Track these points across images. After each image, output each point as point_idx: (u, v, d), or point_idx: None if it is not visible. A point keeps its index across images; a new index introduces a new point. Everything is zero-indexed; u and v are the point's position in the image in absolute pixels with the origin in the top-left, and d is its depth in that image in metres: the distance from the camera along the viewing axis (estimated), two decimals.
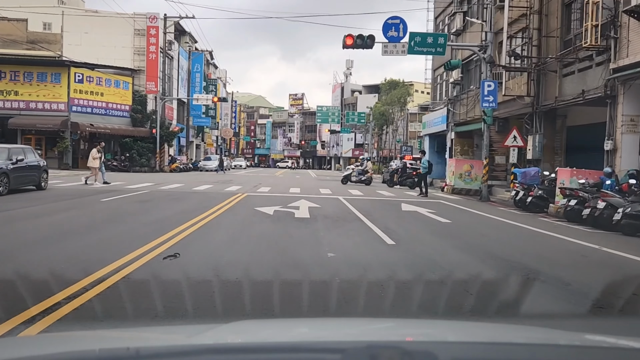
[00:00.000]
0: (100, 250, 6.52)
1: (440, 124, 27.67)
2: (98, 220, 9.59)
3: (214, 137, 68.58)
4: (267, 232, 8.65)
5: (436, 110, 29.35)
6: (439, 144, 30.81)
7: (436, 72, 29.97)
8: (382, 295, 4.87)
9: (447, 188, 22.50)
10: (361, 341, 1.48)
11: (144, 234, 7.74)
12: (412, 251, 7.41)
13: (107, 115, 35.46)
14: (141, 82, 37.37)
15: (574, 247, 8.65)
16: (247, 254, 6.68)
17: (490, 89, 17.30)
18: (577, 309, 4.69)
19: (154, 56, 37.35)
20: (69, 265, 5.50)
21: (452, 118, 26.27)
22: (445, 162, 31.04)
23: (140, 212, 10.88)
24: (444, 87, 28.78)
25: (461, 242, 8.45)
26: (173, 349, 1.37)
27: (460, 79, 25.21)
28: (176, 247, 6.73)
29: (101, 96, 35.08)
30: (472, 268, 6.26)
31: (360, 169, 26.75)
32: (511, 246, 8.47)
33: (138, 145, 35.83)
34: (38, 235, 7.59)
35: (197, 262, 5.99)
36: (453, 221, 11.41)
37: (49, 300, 4.05)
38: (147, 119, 37.45)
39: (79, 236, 7.62)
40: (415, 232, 9.43)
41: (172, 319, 3.83)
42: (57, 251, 6.41)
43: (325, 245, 7.45)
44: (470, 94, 23.75)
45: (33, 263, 5.61)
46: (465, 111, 24.22)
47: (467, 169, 21.84)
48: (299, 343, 1.48)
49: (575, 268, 6.80)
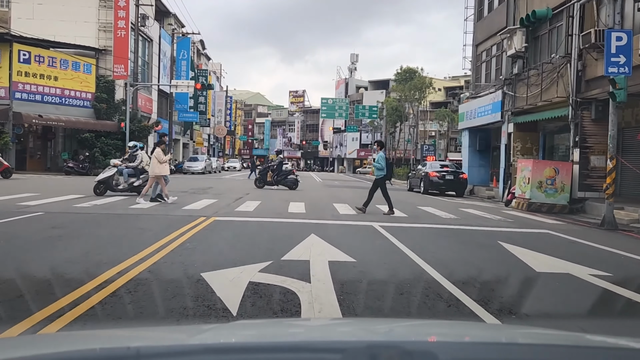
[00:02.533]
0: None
1: (490, 114, 20.74)
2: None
3: (206, 135, 61.66)
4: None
5: (480, 96, 22.41)
6: (481, 140, 23.88)
7: (481, 46, 23.02)
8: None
9: (518, 202, 15.54)
10: (361, 341, 1.47)
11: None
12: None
13: (62, 104, 28.52)
14: (108, 65, 30.47)
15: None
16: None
17: (621, 43, 10.40)
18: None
19: (124, 33, 30.43)
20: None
21: (510, 104, 19.34)
22: (489, 164, 24.14)
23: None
24: (492, 66, 21.84)
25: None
26: (173, 348, 1.33)
27: (525, 50, 18.29)
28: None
29: (55, 81, 28.17)
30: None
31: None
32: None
33: (102, 142, 28.90)
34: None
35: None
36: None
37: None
38: (114, 111, 30.54)
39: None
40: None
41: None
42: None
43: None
44: (543, 68, 16.83)
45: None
46: (533, 94, 17.31)
47: (549, 174, 14.90)
48: (298, 343, 1.45)
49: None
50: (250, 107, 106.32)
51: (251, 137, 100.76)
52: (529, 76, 17.58)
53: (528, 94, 17.54)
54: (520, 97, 18.41)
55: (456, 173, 21.11)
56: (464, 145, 24.99)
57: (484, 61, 22.72)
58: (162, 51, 40.84)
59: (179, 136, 48.95)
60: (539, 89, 16.91)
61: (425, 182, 21.16)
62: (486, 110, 21.15)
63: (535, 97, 17.21)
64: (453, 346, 1.42)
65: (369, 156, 69.06)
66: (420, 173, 22.20)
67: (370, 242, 7.70)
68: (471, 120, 23.12)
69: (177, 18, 47.71)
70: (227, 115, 71.57)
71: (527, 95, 17.53)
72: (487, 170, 24.16)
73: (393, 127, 47.26)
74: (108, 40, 30.77)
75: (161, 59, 40.76)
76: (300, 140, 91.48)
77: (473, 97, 23.51)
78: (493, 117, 20.48)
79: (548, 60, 16.72)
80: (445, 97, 63.55)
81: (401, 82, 42.89)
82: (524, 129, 19.10)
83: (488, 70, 22.32)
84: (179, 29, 46.77)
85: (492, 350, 1.36)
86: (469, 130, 24.00)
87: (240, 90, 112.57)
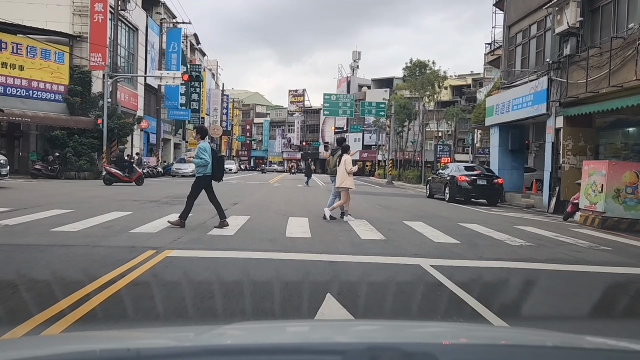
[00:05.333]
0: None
1: (531, 106, 17.18)
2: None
3: None
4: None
5: (515, 85, 18.85)
6: (514, 138, 20.32)
7: (515, 27, 19.45)
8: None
9: (585, 216, 11.97)
10: (362, 342, 1.46)
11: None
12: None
13: (29, 97, 24.97)
14: (84, 54, 26.90)
15: None
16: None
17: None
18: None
19: (101, 18, 26.88)
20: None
21: (559, 93, 15.80)
22: (522, 167, 20.60)
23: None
24: (531, 48, 18.27)
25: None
26: (174, 349, 1.31)
27: (579, 26, 14.76)
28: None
29: (20, 71, 24.60)
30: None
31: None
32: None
33: (75, 141, 25.31)
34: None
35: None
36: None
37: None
38: (91, 105, 26.96)
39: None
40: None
41: None
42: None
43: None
44: (606, 46, 13.32)
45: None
46: (594, 79, 13.80)
47: (629, 179, 11.35)
48: (299, 344, 1.43)
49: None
50: (248, 106, 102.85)
51: (249, 138, 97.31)
52: (588, 56, 14.02)
53: (587, 79, 13.98)
54: (575, 83, 14.85)
55: (489, 177, 17.54)
56: (493, 144, 21.42)
57: (519, 44, 19.14)
58: (149, 42, 37.28)
59: (170, 136, 45.36)
60: (604, 72, 13.37)
61: (451, 188, 17.57)
62: (525, 102, 17.59)
63: (598, 82, 13.67)
64: (454, 348, 1.38)
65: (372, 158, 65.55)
66: (444, 177, 18.61)
67: (437, 311, 4.14)
68: (503, 114, 19.54)
69: (168, 8, 44.17)
70: (223, 114, 67.93)
71: (587, 80, 13.96)
72: (520, 173, 20.60)
73: (401, 126, 43.60)
74: (84, 26, 27.23)
75: (148, 50, 37.19)
76: (300, 141, 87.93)
77: (506, 87, 19.93)
78: (535, 109, 16.91)
79: (615, 34, 13.17)
80: (451, 96, 59.99)
81: (411, 77, 39.24)
82: (576, 124, 15.54)
83: (525, 54, 18.75)
84: (169, 19, 43.22)
85: (493, 352, 1.34)
86: (499, 126, 20.42)
87: (238, 90, 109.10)
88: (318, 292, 4.41)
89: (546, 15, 16.77)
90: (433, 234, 8.56)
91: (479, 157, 38.69)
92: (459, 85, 63.47)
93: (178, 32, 41.65)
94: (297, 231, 8.28)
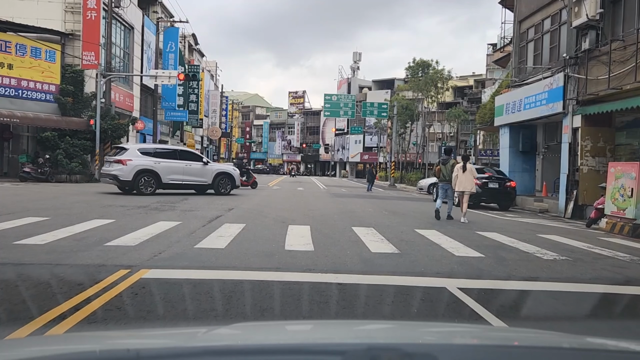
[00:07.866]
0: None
1: (545, 104, 16.19)
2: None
3: (198, 137, 57.18)
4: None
5: (527, 82, 17.86)
6: (526, 139, 19.34)
7: (526, 22, 18.47)
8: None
9: (612, 223, 10.97)
10: (362, 343, 1.43)
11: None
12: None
13: (19, 97, 23.97)
14: (76, 52, 25.93)
15: None
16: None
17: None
18: None
19: (94, 15, 25.90)
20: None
21: (577, 91, 14.82)
22: (534, 169, 19.61)
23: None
24: (545, 44, 17.30)
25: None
26: (174, 350, 1.31)
27: (599, 18, 13.78)
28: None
29: (9, 69, 23.62)
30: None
31: None
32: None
33: (67, 143, 24.32)
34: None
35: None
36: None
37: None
38: (83, 106, 25.96)
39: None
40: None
41: None
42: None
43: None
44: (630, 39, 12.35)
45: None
46: (616, 75, 12.81)
47: None
48: (299, 345, 1.41)
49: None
50: (247, 108, 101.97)
51: (249, 140, 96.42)
52: (611, 50, 13.03)
53: (610, 74, 13.00)
54: (595, 79, 13.87)
55: (501, 180, 16.55)
56: (503, 145, 20.42)
57: (532, 39, 18.16)
58: (145, 42, 36.30)
59: (167, 137, 44.33)
60: (628, 67, 12.39)
61: None
62: (539, 100, 16.60)
63: (621, 77, 12.69)
64: (453, 348, 1.36)
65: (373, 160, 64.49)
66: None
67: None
68: (514, 114, 18.55)
69: (165, 7, 43.24)
70: (222, 116, 66.92)
71: (609, 76, 12.98)
72: (531, 175, 19.61)
73: (403, 128, 42.57)
74: (76, 24, 26.23)
75: (145, 50, 36.21)
76: (301, 143, 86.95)
77: (517, 85, 18.94)
78: (550, 108, 15.92)
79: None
80: (454, 98, 59.03)
81: (414, 76, 38.23)
82: (595, 123, 14.56)
83: (538, 50, 17.76)
84: (166, 19, 42.26)
85: (493, 353, 1.32)
86: (509, 126, 19.43)
87: (237, 92, 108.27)
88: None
89: (561, 8, 15.81)
90: (452, 246, 7.56)
91: (481, 159, 37.70)
92: (461, 86, 62.55)
93: (175, 32, 40.67)
94: (298, 242, 7.28)
